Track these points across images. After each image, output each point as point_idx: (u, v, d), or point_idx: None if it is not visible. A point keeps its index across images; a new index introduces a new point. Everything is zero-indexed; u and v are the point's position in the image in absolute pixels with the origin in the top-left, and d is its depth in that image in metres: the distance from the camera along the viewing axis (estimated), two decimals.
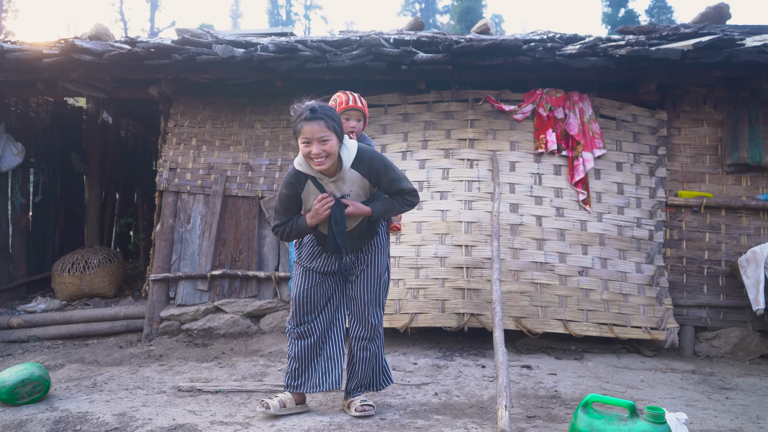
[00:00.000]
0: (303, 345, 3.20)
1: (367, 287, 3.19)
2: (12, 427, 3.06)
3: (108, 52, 4.95)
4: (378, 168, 2.96)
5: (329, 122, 2.79)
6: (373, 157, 2.98)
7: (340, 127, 2.88)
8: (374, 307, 3.21)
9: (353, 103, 3.24)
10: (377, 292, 3.21)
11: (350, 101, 3.24)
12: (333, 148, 2.81)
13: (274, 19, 41.09)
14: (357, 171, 2.96)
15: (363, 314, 3.19)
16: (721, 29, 5.41)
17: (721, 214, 5.15)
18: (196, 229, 5.58)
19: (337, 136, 2.83)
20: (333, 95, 3.32)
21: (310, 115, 2.77)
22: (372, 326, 3.20)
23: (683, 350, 4.96)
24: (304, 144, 2.82)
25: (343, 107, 3.21)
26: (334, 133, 2.81)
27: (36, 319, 5.64)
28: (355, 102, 3.25)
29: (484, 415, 3.28)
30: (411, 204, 3.08)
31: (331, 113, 2.86)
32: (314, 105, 2.82)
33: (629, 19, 26.07)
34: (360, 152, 2.95)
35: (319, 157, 2.80)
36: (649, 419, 2.29)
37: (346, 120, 3.21)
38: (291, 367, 3.22)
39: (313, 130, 2.77)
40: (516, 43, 4.75)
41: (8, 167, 6.03)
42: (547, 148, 5.07)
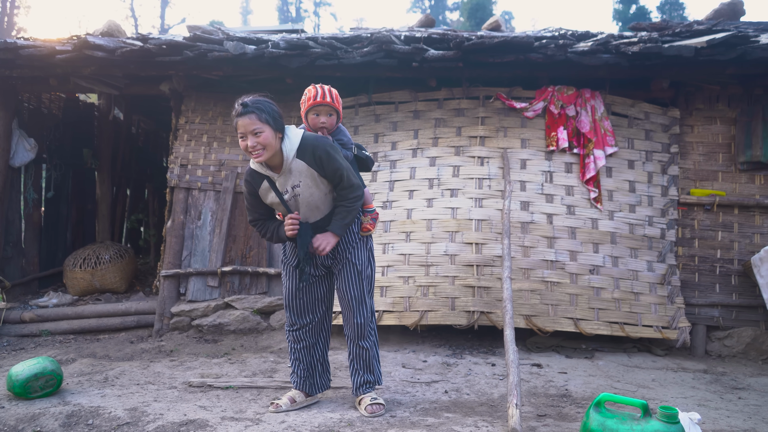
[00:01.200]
0: (299, 348, 3.29)
1: (350, 285, 3.16)
2: (25, 420, 3.08)
3: (120, 48, 4.98)
4: (321, 156, 2.89)
5: (260, 114, 2.77)
6: (317, 145, 2.90)
7: (275, 119, 2.83)
8: (359, 305, 3.16)
9: (321, 98, 3.10)
10: (360, 288, 3.17)
11: (318, 96, 3.10)
12: (267, 139, 2.79)
13: (283, 15, 41.13)
14: (302, 160, 2.91)
15: (349, 314, 3.18)
16: (735, 26, 5.36)
17: (734, 213, 5.10)
18: (206, 226, 5.60)
19: (271, 128, 2.81)
20: (306, 89, 3.22)
21: (242, 109, 2.78)
22: (359, 325, 3.17)
23: (695, 349, 4.93)
24: (240, 139, 2.84)
25: (310, 103, 3.11)
26: (266, 125, 2.79)
27: (48, 314, 5.68)
28: (323, 97, 3.10)
29: (495, 413, 3.27)
30: (355, 201, 3.01)
31: (263, 105, 2.81)
32: (246, 99, 2.81)
33: (640, 15, 25.88)
34: (303, 140, 2.91)
35: (256, 150, 2.80)
36: (662, 419, 2.28)
37: (315, 116, 3.13)
38: (294, 367, 3.33)
39: (245, 123, 2.77)
40: (527, 40, 4.73)
41: (21, 163, 6.07)
42: (558, 146, 5.04)
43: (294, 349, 3.31)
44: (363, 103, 5.50)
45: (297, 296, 3.23)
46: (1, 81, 5.67)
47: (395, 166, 5.25)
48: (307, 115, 3.19)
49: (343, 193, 2.99)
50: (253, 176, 3.02)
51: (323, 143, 2.94)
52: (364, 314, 3.19)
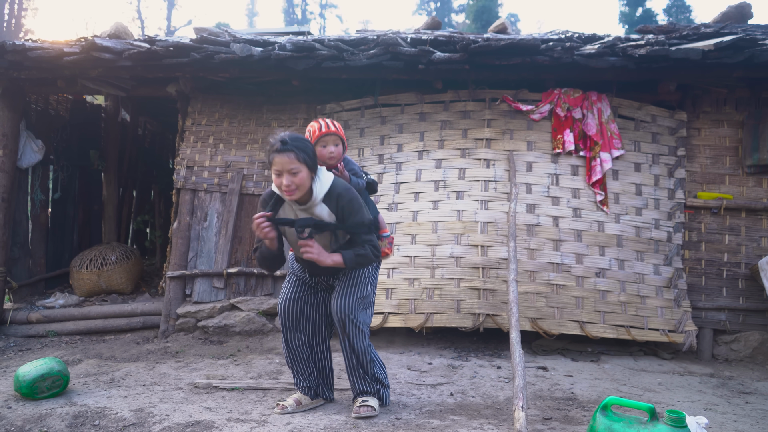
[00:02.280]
0: (295, 359, 3.25)
1: (343, 293, 3.08)
2: (32, 420, 3.10)
3: (127, 50, 5.00)
4: (344, 206, 2.93)
5: (299, 154, 2.78)
6: (342, 194, 2.94)
7: (311, 158, 2.85)
8: (350, 321, 3.04)
9: (326, 128, 3.15)
10: (354, 296, 3.07)
11: (323, 128, 3.15)
12: (303, 180, 2.82)
13: (289, 18, 41.22)
14: (327, 205, 2.94)
15: (340, 327, 3.08)
16: (742, 29, 5.34)
17: (741, 216, 5.08)
18: (212, 227, 5.61)
19: (308, 168, 2.83)
20: (308, 125, 3.26)
21: (281, 146, 2.77)
22: (350, 344, 3.07)
23: (701, 353, 4.90)
24: (275, 175, 2.84)
25: (317, 135, 3.14)
26: (304, 165, 2.80)
27: (54, 315, 5.71)
28: (328, 127, 3.14)
29: (500, 416, 3.26)
30: (376, 252, 3.01)
31: (302, 145, 2.82)
32: (285, 136, 2.81)
33: (647, 18, 25.84)
34: (332, 187, 2.94)
35: (290, 189, 2.82)
36: (669, 423, 2.27)
37: (323, 147, 3.15)
38: (296, 380, 3.33)
39: (283, 161, 2.77)
40: (534, 42, 4.73)
41: (28, 164, 6.10)
42: (564, 149, 5.03)
43: (290, 361, 3.27)
44: (369, 105, 5.50)
45: (294, 304, 3.19)
46: (9, 82, 5.70)
47: (401, 168, 5.26)
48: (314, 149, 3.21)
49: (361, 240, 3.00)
50: (274, 200, 3.02)
51: (349, 195, 2.95)
52: (355, 335, 3.07)
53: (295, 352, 3.25)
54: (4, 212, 5.73)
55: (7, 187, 5.76)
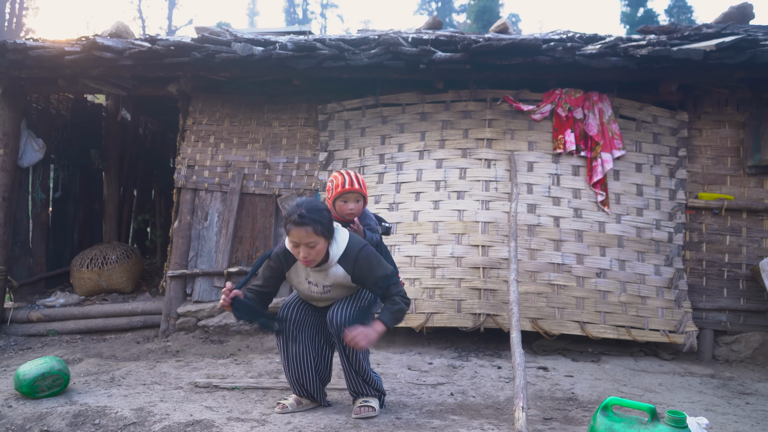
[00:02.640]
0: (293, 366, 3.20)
1: (342, 304, 3.04)
2: (32, 419, 3.10)
3: (128, 49, 5.00)
4: (363, 267, 2.92)
5: (317, 227, 2.75)
6: (359, 256, 2.93)
7: (329, 228, 2.83)
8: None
9: (350, 185, 3.14)
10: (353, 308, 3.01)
11: (347, 183, 3.14)
12: (320, 251, 2.83)
13: (290, 17, 41.24)
14: (342, 267, 2.94)
15: (337, 337, 3.02)
16: (744, 29, 5.33)
17: (742, 217, 5.08)
18: (213, 227, 5.61)
19: (325, 238, 2.82)
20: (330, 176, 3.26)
21: (299, 219, 2.75)
22: (347, 355, 3.03)
23: (702, 354, 4.90)
24: (293, 245, 2.84)
25: (339, 191, 3.14)
26: (321, 237, 2.79)
27: (55, 314, 5.71)
28: (351, 184, 3.15)
29: (501, 416, 3.26)
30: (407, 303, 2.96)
31: (320, 217, 2.78)
32: (303, 208, 2.77)
33: (648, 18, 25.83)
34: (348, 248, 2.93)
35: (307, 260, 2.84)
36: (670, 423, 2.26)
37: (344, 202, 3.16)
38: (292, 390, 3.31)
39: (301, 235, 2.76)
40: (535, 42, 4.72)
41: (29, 163, 6.10)
42: (565, 149, 5.03)
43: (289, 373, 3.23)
44: (370, 105, 5.50)
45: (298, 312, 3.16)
46: (10, 82, 5.70)
47: (402, 168, 5.26)
48: (334, 202, 3.21)
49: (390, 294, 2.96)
50: (287, 257, 3.01)
51: (366, 254, 2.94)
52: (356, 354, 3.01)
53: (293, 359, 3.18)
54: (4, 211, 5.73)
55: (8, 186, 5.76)
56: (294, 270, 3.04)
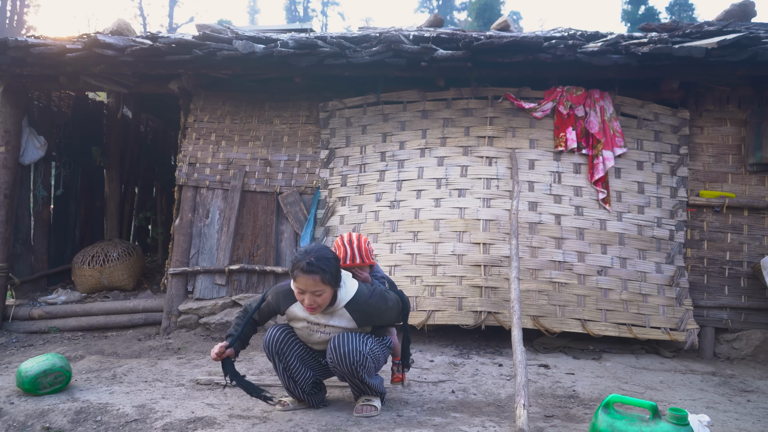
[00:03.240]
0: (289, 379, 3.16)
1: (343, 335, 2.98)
2: (34, 416, 3.10)
3: (130, 47, 5.00)
4: (372, 314, 2.97)
5: (324, 276, 2.76)
6: (369, 305, 2.96)
7: (336, 277, 2.84)
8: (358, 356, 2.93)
9: (350, 261, 3.15)
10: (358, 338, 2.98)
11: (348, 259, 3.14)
12: (325, 300, 2.84)
13: (291, 15, 41.23)
14: (348, 312, 2.95)
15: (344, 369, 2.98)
16: (746, 27, 5.33)
17: (743, 215, 5.08)
18: (214, 224, 5.62)
19: (331, 288, 2.83)
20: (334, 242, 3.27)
21: (307, 267, 2.74)
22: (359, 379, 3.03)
23: (703, 352, 4.90)
24: (298, 291, 2.84)
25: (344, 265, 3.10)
26: (328, 286, 2.80)
27: (57, 311, 5.72)
28: (353, 259, 3.15)
29: (502, 413, 3.26)
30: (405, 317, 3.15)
31: (327, 266, 2.78)
32: (312, 257, 2.76)
33: (649, 16, 25.79)
34: (357, 296, 2.95)
35: (311, 307, 2.84)
36: (671, 421, 2.27)
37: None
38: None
39: (308, 283, 2.76)
40: (537, 40, 4.72)
41: (31, 160, 6.10)
42: (566, 147, 5.03)
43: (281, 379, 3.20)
44: (371, 103, 5.50)
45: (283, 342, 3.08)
46: (12, 79, 5.70)
47: (403, 166, 5.25)
48: None
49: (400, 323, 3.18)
50: (288, 297, 3.00)
51: (374, 302, 2.97)
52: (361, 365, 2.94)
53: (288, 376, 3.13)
54: (6, 209, 5.74)
55: (9, 183, 5.77)
56: (293, 312, 3.02)
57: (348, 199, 5.38)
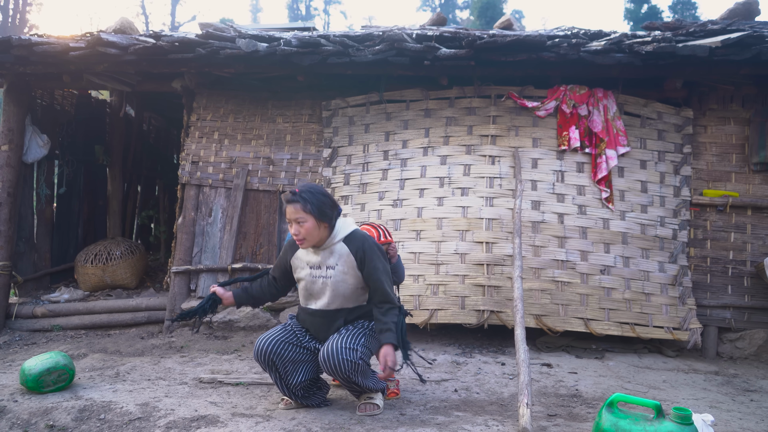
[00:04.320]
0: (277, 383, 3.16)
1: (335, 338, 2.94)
2: (38, 414, 3.11)
3: (133, 45, 5.00)
4: (366, 250, 2.95)
5: (305, 205, 2.85)
6: (366, 240, 2.99)
7: (321, 209, 2.88)
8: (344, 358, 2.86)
9: (385, 237, 3.31)
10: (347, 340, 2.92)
11: (383, 236, 3.30)
12: (309, 230, 2.88)
13: (293, 14, 41.23)
14: (346, 245, 2.97)
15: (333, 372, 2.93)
16: (750, 26, 5.31)
17: (747, 214, 5.07)
18: (217, 223, 5.62)
19: (315, 218, 2.88)
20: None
21: (290, 197, 2.88)
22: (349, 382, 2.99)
23: (706, 351, 4.90)
24: (288, 223, 2.95)
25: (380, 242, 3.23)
26: (310, 215, 2.86)
27: (59, 309, 5.72)
28: (386, 236, 3.33)
29: (505, 412, 3.26)
30: (393, 317, 2.92)
31: (309, 195, 2.87)
32: (298, 188, 2.92)
33: (652, 15, 25.74)
34: (355, 232, 3.02)
35: (298, 238, 2.92)
36: (675, 420, 2.26)
37: None
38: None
39: (290, 211, 2.89)
40: (540, 39, 4.71)
41: (34, 159, 6.11)
42: (570, 146, 5.02)
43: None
44: (374, 101, 5.50)
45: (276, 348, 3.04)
46: (15, 77, 5.71)
47: (406, 165, 5.25)
48: None
49: (379, 305, 2.96)
50: (293, 244, 3.10)
51: (373, 243, 2.99)
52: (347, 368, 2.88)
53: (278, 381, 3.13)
54: (9, 207, 5.75)
55: (12, 181, 5.78)
56: (297, 257, 3.07)
57: (351, 198, 5.38)
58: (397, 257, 3.39)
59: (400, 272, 3.42)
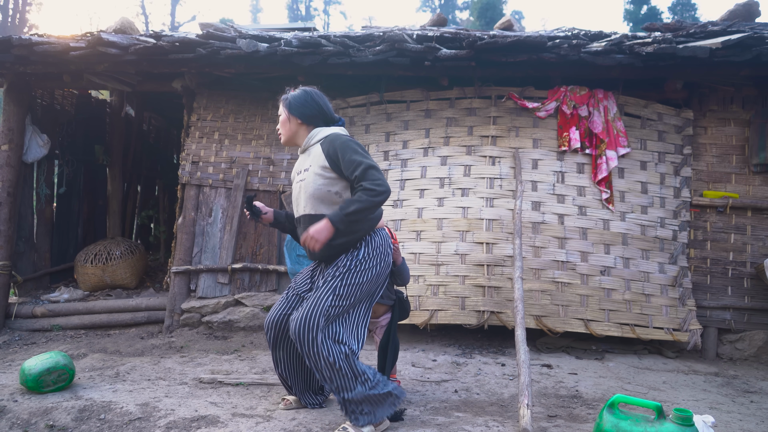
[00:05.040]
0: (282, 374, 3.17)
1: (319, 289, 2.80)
2: (38, 414, 3.11)
3: (133, 45, 4.99)
4: (338, 146, 2.79)
5: (285, 101, 3.03)
6: (339, 137, 2.85)
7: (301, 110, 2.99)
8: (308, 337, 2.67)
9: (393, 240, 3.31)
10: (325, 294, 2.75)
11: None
12: (282, 122, 3.05)
13: (293, 14, 41.23)
14: (320, 146, 2.90)
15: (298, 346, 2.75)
16: (750, 27, 5.31)
17: (746, 215, 5.07)
18: (217, 223, 5.62)
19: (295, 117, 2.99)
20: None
21: (282, 98, 3.07)
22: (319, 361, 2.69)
23: (706, 352, 4.90)
24: None
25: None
26: (285, 109, 3.02)
27: (59, 309, 5.72)
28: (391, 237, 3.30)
29: (505, 413, 3.26)
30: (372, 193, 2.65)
31: (293, 97, 3.01)
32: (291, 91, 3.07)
33: (652, 16, 25.75)
34: (333, 134, 2.92)
35: (279, 134, 3.11)
36: (676, 421, 2.26)
37: None
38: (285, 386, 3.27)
39: (279, 110, 3.10)
40: (541, 39, 4.71)
41: (34, 158, 6.10)
42: (570, 146, 5.02)
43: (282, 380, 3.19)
44: (374, 102, 5.50)
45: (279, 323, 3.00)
46: (15, 77, 5.71)
47: (406, 165, 5.25)
48: None
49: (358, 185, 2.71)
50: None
51: (346, 138, 2.85)
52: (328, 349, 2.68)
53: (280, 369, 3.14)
54: (9, 207, 5.74)
55: (12, 181, 5.77)
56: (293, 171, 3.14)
57: None
58: (401, 259, 3.38)
59: (405, 274, 3.40)
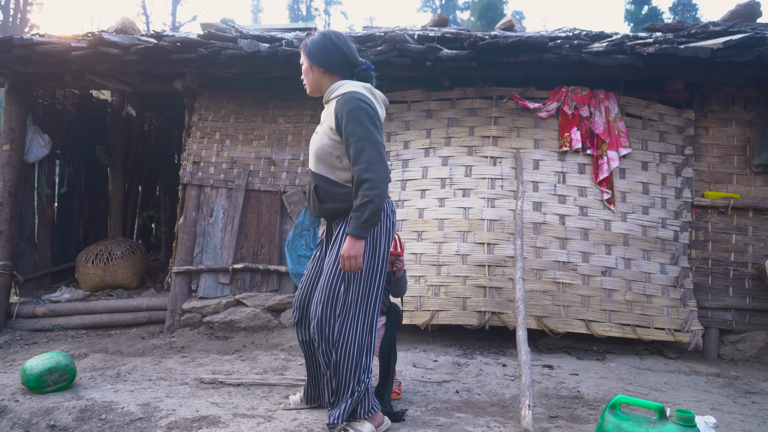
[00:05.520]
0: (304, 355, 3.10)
1: (326, 270, 2.75)
2: (39, 414, 3.11)
3: (135, 45, 5.00)
4: (346, 112, 2.60)
5: (305, 47, 2.80)
6: (351, 101, 2.61)
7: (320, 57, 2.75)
8: (328, 304, 2.67)
9: (401, 249, 3.28)
10: (334, 277, 2.70)
11: (398, 248, 3.25)
12: (305, 72, 2.82)
13: (294, 14, 41.23)
14: (335, 104, 2.68)
15: (315, 310, 2.72)
16: (751, 27, 5.31)
17: (748, 216, 5.06)
18: (218, 223, 5.62)
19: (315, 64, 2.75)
20: None
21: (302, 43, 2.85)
22: (324, 334, 2.69)
23: (707, 353, 4.89)
24: None
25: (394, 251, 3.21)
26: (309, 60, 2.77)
27: (60, 309, 5.72)
28: (399, 247, 3.26)
29: (506, 413, 3.26)
30: (368, 189, 2.55)
31: (312, 42, 2.78)
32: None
33: (652, 16, 25.73)
34: (349, 93, 2.65)
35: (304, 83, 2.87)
36: (678, 422, 2.26)
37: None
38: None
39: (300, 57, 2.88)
40: (542, 40, 4.71)
41: (35, 158, 6.11)
42: (571, 147, 5.02)
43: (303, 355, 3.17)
44: None
45: (304, 301, 2.93)
46: (17, 77, 5.71)
47: (407, 165, 5.25)
48: None
49: (353, 168, 2.60)
50: None
51: (357, 103, 2.60)
52: (334, 327, 2.67)
53: (303, 351, 3.08)
54: (10, 206, 5.75)
55: (13, 181, 5.78)
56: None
57: None
58: (402, 272, 3.33)
59: (403, 286, 3.36)
